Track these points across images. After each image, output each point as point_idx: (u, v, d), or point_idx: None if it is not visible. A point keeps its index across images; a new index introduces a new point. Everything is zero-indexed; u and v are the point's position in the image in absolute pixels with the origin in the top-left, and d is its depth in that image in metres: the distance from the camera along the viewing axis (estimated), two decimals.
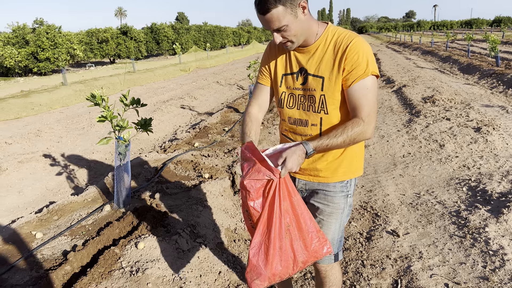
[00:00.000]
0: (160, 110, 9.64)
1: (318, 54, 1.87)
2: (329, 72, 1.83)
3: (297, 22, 1.76)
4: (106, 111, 3.35)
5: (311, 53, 1.89)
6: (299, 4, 1.73)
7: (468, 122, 6.46)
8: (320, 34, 1.87)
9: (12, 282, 2.60)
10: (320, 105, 1.88)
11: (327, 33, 1.87)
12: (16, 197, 5.07)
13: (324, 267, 2.13)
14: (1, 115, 9.65)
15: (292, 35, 1.79)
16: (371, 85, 1.80)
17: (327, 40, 1.86)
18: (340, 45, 1.81)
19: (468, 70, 13.97)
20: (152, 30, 33.84)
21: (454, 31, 68.50)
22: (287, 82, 1.99)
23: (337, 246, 2.11)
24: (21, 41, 20.49)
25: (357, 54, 1.77)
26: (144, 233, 3.01)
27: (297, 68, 1.95)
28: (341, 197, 2.02)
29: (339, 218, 2.05)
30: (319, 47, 1.87)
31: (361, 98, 1.79)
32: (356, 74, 1.77)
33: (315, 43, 1.87)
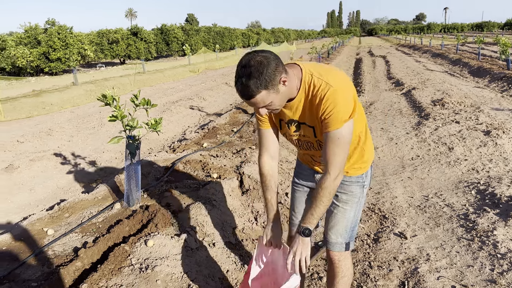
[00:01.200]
0: (169, 110, 9.71)
1: (301, 107, 1.92)
2: (317, 121, 1.89)
3: (280, 96, 1.79)
4: (117, 111, 3.40)
5: (295, 107, 1.94)
6: (280, 81, 1.74)
7: (477, 125, 6.43)
8: (298, 88, 1.88)
9: (24, 277, 2.65)
10: (318, 146, 2.02)
11: (304, 85, 1.87)
12: (27, 194, 5.16)
13: (337, 256, 2.19)
14: (13, 114, 9.79)
15: (277, 105, 1.83)
16: (344, 132, 1.83)
17: (305, 91, 1.88)
18: (316, 98, 1.83)
19: (478, 73, 13.88)
20: (162, 31, 34.05)
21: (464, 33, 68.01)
22: (284, 128, 2.08)
23: (350, 235, 2.18)
24: (33, 41, 20.76)
25: (331, 106, 1.78)
26: (153, 231, 3.05)
27: (287, 119, 2.02)
28: (357, 187, 2.13)
29: (354, 207, 2.15)
30: (301, 100, 1.90)
31: (332, 149, 1.85)
32: (329, 125, 1.81)
33: (296, 98, 1.90)
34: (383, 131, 7.05)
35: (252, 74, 1.67)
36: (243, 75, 1.69)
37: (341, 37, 49.00)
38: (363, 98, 10.45)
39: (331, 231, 2.19)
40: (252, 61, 1.68)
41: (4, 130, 8.28)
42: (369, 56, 26.66)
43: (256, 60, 1.68)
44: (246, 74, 1.68)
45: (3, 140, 7.26)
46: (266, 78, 1.68)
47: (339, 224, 2.16)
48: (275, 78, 1.71)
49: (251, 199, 4.22)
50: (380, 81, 13.85)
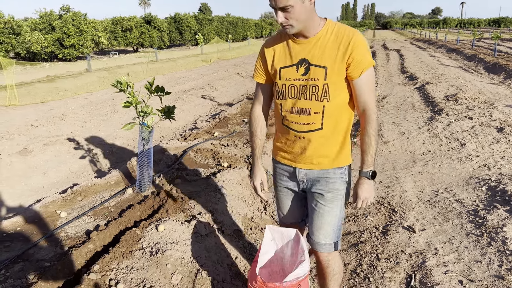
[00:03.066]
0: (181, 99, 9.76)
1: (320, 45, 1.92)
2: (332, 61, 1.90)
3: (302, 7, 1.80)
4: (131, 97, 3.43)
5: (312, 44, 1.94)
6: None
7: (491, 122, 6.37)
8: (321, 27, 1.93)
9: (37, 257, 2.72)
10: (323, 93, 1.95)
11: (327, 26, 1.94)
12: (41, 178, 5.25)
13: (326, 257, 2.19)
14: (27, 98, 9.92)
15: (295, 18, 1.82)
16: (372, 75, 1.96)
17: (328, 32, 1.92)
18: (342, 38, 1.89)
19: (493, 70, 13.68)
20: (176, 20, 34.04)
21: (481, 29, 66.88)
22: (287, 74, 2.02)
23: (337, 234, 2.17)
24: (48, 27, 20.92)
25: (361, 48, 1.87)
26: (164, 216, 3.10)
27: (297, 60, 1.98)
28: (341, 183, 2.11)
29: (339, 204, 2.13)
30: (320, 38, 1.92)
31: (367, 92, 1.96)
32: (362, 65, 1.88)
33: (317, 35, 1.93)
34: (395, 125, 7.01)
35: None
36: None
37: None
38: (375, 92, 10.37)
39: (318, 232, 2.14)
40: None
41: (18, 114, 8.41)
42: (383, 50, 26.40)
43: None
44: None
45: (18, 124, 7.37)
46: None
47: (327, 224, 2.12)
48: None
49: None
50: (394, 75, 13.73)
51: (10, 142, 6.29)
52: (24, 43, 19.35)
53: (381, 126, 7.03)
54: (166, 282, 2.44)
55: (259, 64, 2.14)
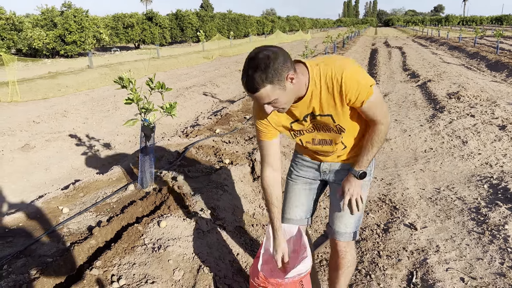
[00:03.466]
0: (183, 96, 9.76)
1: (315, 98, 1.89)
2: (334, 109, 1.91)
3: (286, 93, 1.75)
4: (133, 94, 3.43)
5: (308, 101, 1.90)
6: (287, 77, 1.71)
7: (493, 120, 6.36)
8: (308, 83, 1.86)
9: (40, 252, 2.73)
10: (337, 130, 2.01)
11: (312, 78, 1.85)
12: (43, 174, 5.26)
13: (344, 246, 2.22)
14: (29, 95, 9.93)
15: (283, 104, 1.79)
16: (376, 96, 1.88)
17: (317, 83, 1.86)
18: (333, 85, 1.83)
19: (496, 67, 13.64)
20: (177, 17, 33.99)
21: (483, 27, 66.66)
22: (297, 126, 2.05)
23: (357, 224, 2.22)
24: (49, 24, 20.90)
25: (354, 85, 1.80)
26: (166, 212, 3.10)
27: (302, 116, 1.99)
28: (367, 174, 2.15)
29: (363, 196, 2.17)
30: (312, 94, 1.88)
31: (374, 111, 1.93)
32: (362, 98, 1.84)
33: (307, 94, 1.87)
34: (397, 123, 7.00)
35: (258, 67, 1.64)
36: (249, 67, 1.67)
37: (357, 27, 48.40)
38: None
39: (339, 221, 2.20)
40: (260, 54, 1.66)
41: (20, 111, 8.42)
42: (385, 47, 26.34)
43: (264, 54, 1.66)
44: (252, 67, 1.66)
45: (20, 120, 7.38)
46: (272, 72, 1.65)
47: (348, 213, 2.18)
48: (281, 73, 1.67)
49: None
50: (396, 73, 13.70)
51: (12, 138, 6.30)
52: (25, 39, 19.33)
53: None
54: (168, 278, 2.45)
55: (263, 124, 2.05)
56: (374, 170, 2.41)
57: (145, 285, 2.30)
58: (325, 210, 4.07)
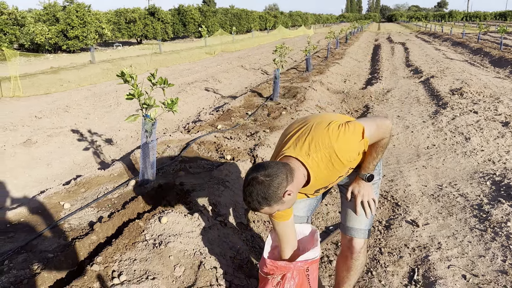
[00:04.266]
0: (185, 91, 9.74)
1: (320, 180, 1.95)
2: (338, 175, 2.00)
3: (286, 204, 1.81)
4: (134, 89, 3.42)
5: (313, 184, 1.95)
6: (284, 194, 1.76)
7: (496, 116, 6.32)
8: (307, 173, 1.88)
9: (41, 248, 2.73)
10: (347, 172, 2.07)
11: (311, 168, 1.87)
12: (44, 169, 5.26)
13: (360, 244, 2.24)
14: (31, 90, 9.93)
15: (285, 209, 1.87)
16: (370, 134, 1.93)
17: (315, 171, 1.89)
18: (333, 164, 1.89)
19: (499, 63, 13.57)
20: (179, 12, 33.91)
21: (487, 22, 66.24)
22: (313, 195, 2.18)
23: (370, 221, 2.26)
24: (52, 19, 20.87)
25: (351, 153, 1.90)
26: (167, 208, 3.10)
27: (313, 191, 2.09)
28: (374, 173, 2.20)
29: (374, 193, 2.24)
30: (316, 178, 1.91)
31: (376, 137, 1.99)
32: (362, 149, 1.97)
33: (312, 180, 1.90)
34: (399, 119, 6.98)
35: (257, 195, 1.73)
36: (247, 193, 1.75)
37: (360, 23, 48.18)
38: (380, 85, 10.32)
39: (353, 218, 2.23)
40: (255, 181, 1.73)
41: (22, 106, 8.42)
42: (388, 43, 26.22)
43: (258, 181, 1.72)
44: (250, 194, 1.74)
45: (22, 115, 7.39)
46: (267, 198, 1.73)
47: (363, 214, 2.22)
48: (277, 195, 1.74)
49: None
50: (398, 68, 13.64)
51: (14, 133, 6.31)
52: (28, 34, 19.33)
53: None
54: (169, 274, 2.45)
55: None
56: None
57: (146, 281, 2.30)
58: (327, 206, 4.06)
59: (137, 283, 2.27)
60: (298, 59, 17.63)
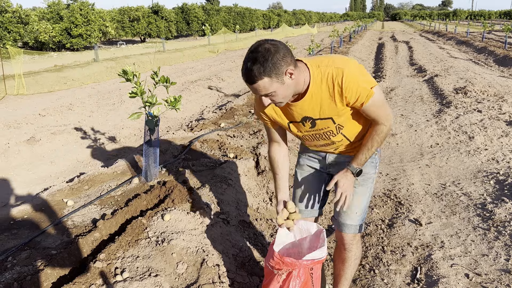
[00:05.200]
0: (188, 90, 9.75)
1: (315, 101, 1.90)
2: (334, 111, 1.92)
3: (285, 87, 1.77)
4: (137, 87, 3.43)
5: (308, 102, 1.92)
6: (286, 72, 1.73)
7: (500, 115, 6.29)
8: (308, 82, 1.87)
9: (44, 244, 2.74)
10: (338, 129, 2.03)
11: (313, 78, 1.86)
12: (48, 166, 5.28)
13: (351, 240, 2.23)
14: (35, 88, 9.96)
15: (281, 97, 1.81)
16: (378, 96, 1.88)
17: (317, 83, 1.87)
18: (333, 85, 1.84)
19: (504, 62, 13.51)
20: (183, 10, 33.92)
21: (491, 21, 65.96)
22: (296, 128, 2.08)
23: (362, 217, 2.23)
24: (56, 17, 20.92)
25: (354, 86, 1.81)
26: (170, 206, 3.10)
27: (299, 118, 2.01)
28: (371, 167, 2.19)
29: (369, 187, 2.21)
30: (313, 94, 1.89)
31: (376, 111, 1.92)
32: (362, 99, 1.85)
33: (308, 92, 1.88)
34: (403, 118, 6.96)
35: (258, 59, 1.67)
36: (249, 59, 1.70)
37: (364, 21, 48.04)
38: (384, 84, 10.29)
39: (345, 214, 2.20)
40: (260, 47, 1.69)
41: (26, 104, 8.45)
42: (391, 41, 26.14)
43: (264, 47, 1.69)
44: (251, 59, 1.69)
45: (26, 113, 7.42)
46: (270, 66, 1.67)
47: (353, 206, 2.17)
48: (280, 67, 1.69)
49: (267, 180, 4.25)
50: (402, 67, 13.60)
51: (18, 131, 6.33)
52: (32, 32, 19.38)
53: None
54: (172, 271, 2.45)
55: (262, 116, 2.13)
56: (380, 165, 2.41)
57: (149, 278, 2.30)
58: (329, 205, 4.06)
59: (140, 280, 2.27)
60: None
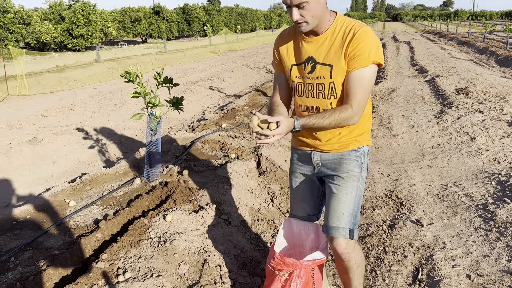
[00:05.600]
0: (189, 90, 9.76)
1: (327, 44, 1.94)
2: (337, 59, 1.91)
3: (317, 3, 1.82)
4: (140, 88, 3.44)
5: (320, 43, 1.96)
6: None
7: (501, 116, 6.29)
8: (330, 24, 1.94)
9: (46, 245, 2.75)
10: (330, 91, 1.98)
11: (336, 23, 1.94)
12: (50, 167, 5.30)
13: (344, 248, 2.04)
14: (37, 88, 9.98)
15: (310, 14, 1.83)
16: (369, 74, 1.89)
17: (336, 30, 1.93)
18: (348, 33, 1.88)
19: (505, 63, 13.49)
20: (184, 11, 33.96)
21: (493, 21, 65.92)
22: (296, 72, 2.08)
23: (352, 220, 2.05)
24: (57, 17, 20.96)
25: (361, 43, 1.85)
26: (172, 206, 3.11)
27: (304, 58, 2.02)
28: (355, 165, 2.09)
29: (355, 187, 2.08)
30: (328, 37, 1.94)
31: (356, 87, 1.90)
32: (357, 62, 1.86)
33: (325, 33, 1.94)
34: (404, 118, 6.96)
35: None
36: None
37: (365, 22, 48.04)
38: (385, 84, 10.29)
39: (331, 215, 2.06)
40: None
41: (28, 104, 8.47)
42: (393, 42, 26.14)
43: None
44: None
45: (28, 113, 7.43)
46: None
47: (340, 205, 2.04)
48: None
49: (268, 181, 4.25)
50: (404, 68, 13.60)
51: (20, 131, 6.35)
52: (34, 33, 19.42)
53: (390, 119, 6.98)
54: (174, 271, 2.46)
55: (275, 56, 2.19)
56: (381, 166, 2.39)
57: (151, 279, 2.31)
58: None
59: (142, 280, 2.28)
60: None
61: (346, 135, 2.08)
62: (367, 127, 2.15)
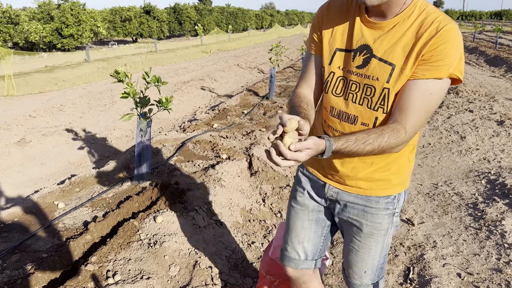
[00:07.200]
0: (180, 90, 9.71)
1: (394, 34, 1.37)
2: (404, 59, 1.35)
3: None
4: (129, 88, 3.40)
5: (385, 31, 1.39)
6: None
7: (491, 115, 6.35)
8: (404, 7, 1.36)
9: (35, 248, 2.71)
10: (380, 101, 1.41)
11: (414, 7, 1.36)
12: (39, 168, 5.23)
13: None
14: (26, 88, 9.86)
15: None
16: (439, 90, 1.35)
17: (412, 16, 1.35)
18: (427, 28, 1.31)
19: (494, 62, 13.63)
20: (175, 10, 33.82)
21: (482, 21, 66.62)
22: (341, 61, 1.49)
23: (377, 274, 1.69)
24: (46, 17, 20.74)
25: (445, 44, 1.29)
26: (162, 208, 3.09)
27: (357, 45, 1.44)
28: (385, 216, 1.57)
29: (380, 241, 1.60)
30: (397, 25, 1.37)
31: (417, 103, 1.35)
32: (431, 69, 1.31)
33: (396, 18, 1.36)
34: None
35: None
36: None
37: None
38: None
39: (352, 271, 1.69)
40: None
41: (16, 105, 8.36)
42: None
43: None
44: None
45: (16, 114, 7.34)
46: None
47: (361, 263, 1.65)
48: None
49: (260, 181, 4.24)
50: None
51: (8, 132, 6.26)
52: (22, 32, 19.21)
53: None
54: (164, 273, 2.44)
55: (316, 34, 1.57)
56: None
57: (141, 281, 2.28)
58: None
59: (132, 283, 2.26)
60: (295, 58, 17.62)
61: (380, 169, 1.52)
62: (410, 164, 1.60)
